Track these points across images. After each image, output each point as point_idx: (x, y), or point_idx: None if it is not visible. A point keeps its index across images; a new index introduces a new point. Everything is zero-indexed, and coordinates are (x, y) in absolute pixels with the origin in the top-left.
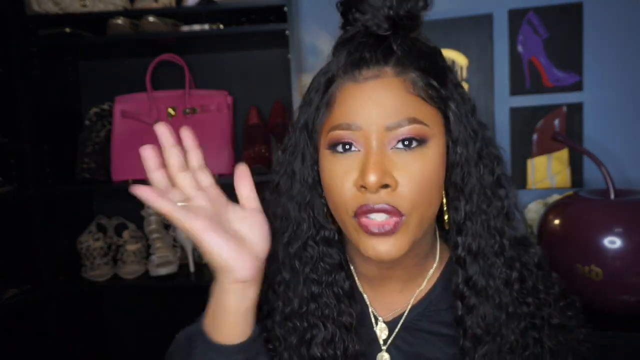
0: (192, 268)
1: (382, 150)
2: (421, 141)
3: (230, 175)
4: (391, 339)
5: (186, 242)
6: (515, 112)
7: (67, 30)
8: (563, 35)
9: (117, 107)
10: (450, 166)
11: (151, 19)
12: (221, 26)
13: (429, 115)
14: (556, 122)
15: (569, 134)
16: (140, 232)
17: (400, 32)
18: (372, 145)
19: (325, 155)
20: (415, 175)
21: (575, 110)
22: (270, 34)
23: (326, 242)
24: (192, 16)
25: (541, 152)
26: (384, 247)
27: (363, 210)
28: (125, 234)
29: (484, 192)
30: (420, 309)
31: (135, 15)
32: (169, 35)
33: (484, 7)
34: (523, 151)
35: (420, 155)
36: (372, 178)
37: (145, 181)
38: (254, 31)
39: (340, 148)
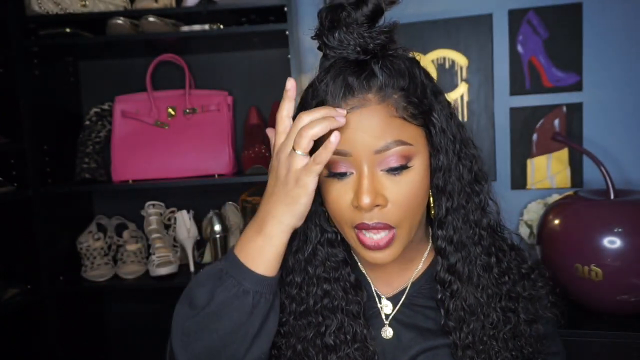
0: (192, 268)
1: (372, 172)
2: (406, 165)
3: (230, 176)
4: (393, 314)
5: (186, 242)
6: (515, 112)
7: (67, 30)
8: (563, 35)
9: (117, 107)
10: (433, 171)
11: (151, 19)
12: (221, 26)
13: (412, 133)
14: (556, 122)
15: (568, 134)
16: (140, 232)
17: (378, 54)
18: (364, 170)
19: (323, 177)
20: (403, 193)
21: (575, 110)
22: (270, 34)
23: (330, 244)
24: (192, 16)
25: (541, 152)
26: (380, 256)
27: (360, 227)
28: (125, 234)
29: (463, 190)
30: (418, 286)
31: (135, 15)
32: (169, 36)
33: (484, 7)
34: (523, 151)
35: (407, 176)
36: (365, 200)
37: (144, 181)
38: (254, 31)
39: (337, 176)
